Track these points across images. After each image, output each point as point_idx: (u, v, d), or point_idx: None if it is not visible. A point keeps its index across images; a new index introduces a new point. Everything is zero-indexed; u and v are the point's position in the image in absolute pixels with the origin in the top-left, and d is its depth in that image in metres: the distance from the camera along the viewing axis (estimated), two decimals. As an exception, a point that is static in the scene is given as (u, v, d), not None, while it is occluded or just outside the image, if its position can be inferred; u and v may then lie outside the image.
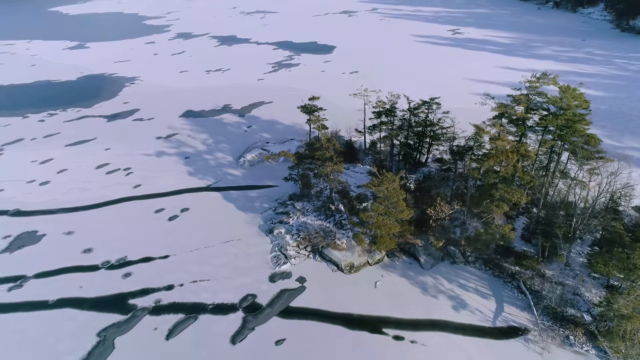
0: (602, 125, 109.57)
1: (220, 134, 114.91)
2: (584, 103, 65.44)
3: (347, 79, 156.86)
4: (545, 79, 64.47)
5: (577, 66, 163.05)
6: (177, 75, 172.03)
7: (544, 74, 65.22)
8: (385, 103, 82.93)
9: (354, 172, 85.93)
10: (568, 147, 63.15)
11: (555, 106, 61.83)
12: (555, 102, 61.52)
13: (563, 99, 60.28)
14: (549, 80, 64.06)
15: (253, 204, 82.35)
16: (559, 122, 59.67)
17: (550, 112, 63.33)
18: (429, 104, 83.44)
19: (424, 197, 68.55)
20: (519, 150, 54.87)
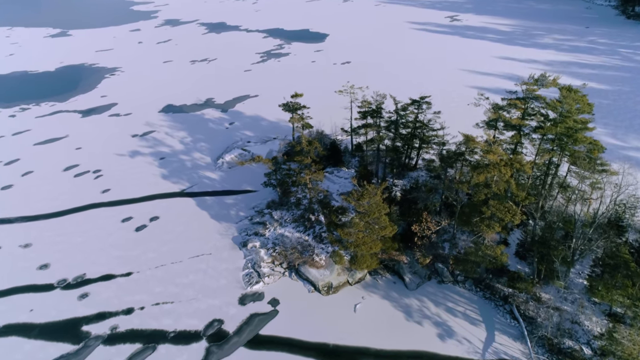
0: (605, 122, 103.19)
1: (200, 131, 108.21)
2: (586, 106, 59.05)
3: (338, 71, 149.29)
4: (544, 80, 57.85)
5: (579, 56, 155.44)
6: (160, 66, 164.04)
7: (543, 76, 58.64)
8: (370, 103, 76.26)
9: (338, 177, 79.77)
10: (568, 158, 56.89)
11: (555, 112, 55.34)
12: (554, 108, 55.05)
13: (563, 104, 53.75)
14: (548, 83, 57.42)
15: (228, 211, 76.37)
16: (558, 129, 53.29)
17: (549, 118, 56.81)
18: (418, 103, 76.73)
19: (410, 209, 62.59)
20: (513, 163, 48.71)
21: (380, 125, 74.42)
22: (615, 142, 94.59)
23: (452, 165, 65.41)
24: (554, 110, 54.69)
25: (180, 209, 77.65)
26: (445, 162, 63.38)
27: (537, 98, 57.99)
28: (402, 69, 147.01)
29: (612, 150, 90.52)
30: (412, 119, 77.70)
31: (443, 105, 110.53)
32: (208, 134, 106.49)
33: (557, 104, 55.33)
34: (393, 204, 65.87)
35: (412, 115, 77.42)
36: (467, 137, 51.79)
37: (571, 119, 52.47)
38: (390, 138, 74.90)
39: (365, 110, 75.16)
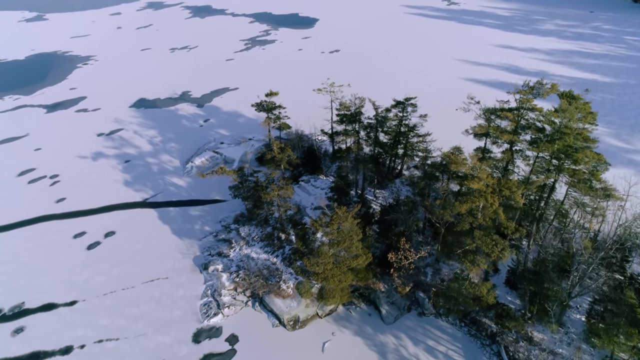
0: (609, 120, 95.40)
1: (172, 130, 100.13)
2: (589, 116, 51.45)
3: (326, 60, 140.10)
4: (540, 89, 49.95)
5: (582, 44, 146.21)
6: (137, 55, 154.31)
7: (539, 83, 50.69)
8: (349, 106, 68.28)
9: (314, 187, 72.38)
10: (567, 179, 49.33)
11: (552, 127, 47.57)
12: (551, 123, 47.27)
13: (562, 117, 45.97)
14: (545, 92, 49.56)
15: (193, 225, 69.26)
16: (556, 147, 45.67)
17: (545, 133, 48.94)
18: (402, 105, 68.79)
19: (389, 229, 55.50)
20: (502, 189, 41.39)
21: (358, 132, 66.62)
22: (619, 143, 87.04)
23: (437, 178, 58.02)
24: (551, 125, 46.93)
25: (139, 222, 70.44)
26: (428, 178, 55.95)
27: (532, 109, 50.10)
28: (393, 60, 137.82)
29: (615, 154, 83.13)
30: (396, 123, 69.95)
31: (433, 102, 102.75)
32: (180, 133, 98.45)
33: (555, 115, 47.56)
34: (370, 224, 58.81)
35: (396, 119, 69.61)
36: (448, 157, 44.14)
37: (571, 136, 44.78)
38: (370, 147, 67.18)
39: (343, 114, 67.22)
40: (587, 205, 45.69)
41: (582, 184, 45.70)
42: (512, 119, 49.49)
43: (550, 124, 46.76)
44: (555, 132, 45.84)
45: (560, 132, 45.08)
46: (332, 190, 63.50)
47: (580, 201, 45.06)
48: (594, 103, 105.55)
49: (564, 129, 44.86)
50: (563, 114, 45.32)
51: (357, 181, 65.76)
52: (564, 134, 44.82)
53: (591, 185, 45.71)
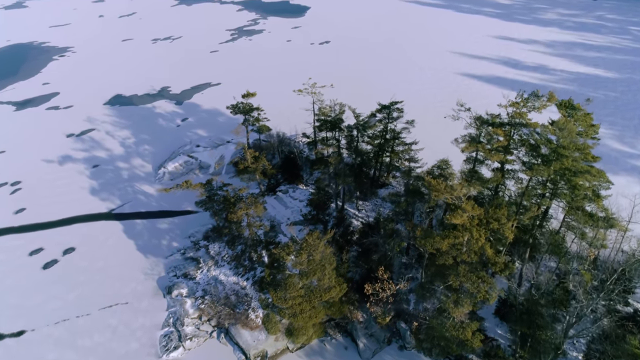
0: (611, 121, 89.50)
1: (147, 130, 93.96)
2: (590, 130, 45.81)
3: (315, 53, 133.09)
4: (536, 101, 44.06)
5: (585, 35, 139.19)
6: (117, 46, 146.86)
7: (534, 94, 44.81)
8: (330, 110, 62.31)
9: (293, 198, 66.80)
10: (563, 205, 43.68)
11: (548, 147, 41.69)
12: (547, 142, 41.42)
13: (560, 137, 40.15)
14: (541, 104, 43.67)
15: (160, 241, 63.90)
16: (552, 170, 39.97)
17: (541, 152, 42.99)
18: (388, 110, 62.87)
19: (369, 254, 50.20)
20: (490, 221, 35.92)
21: (339, 140, 60.74)
22: (623, 147, 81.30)
23: (422, 195, 52.46)
24: (547, 144, 41.06)
25: (103, 237, 65.00)
26: (411, 195, 50.37)
27: (526, 125, 44.07)
28: (385, 53, 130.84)
29: (618, 159, 77.55)
30: (380, 129, 64.13)
31: (426, 102, 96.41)
32: (155, 134, 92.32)
33: (552, 131, 41.73)
34: (349, 244, 53.49)
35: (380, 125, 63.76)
36: (429, 183, 38.29)
37: (569, 158, 39.00)
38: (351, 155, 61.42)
39: (323, 120, 61.27)
40: (587, 236, 40.27)
41: (581, 213, 40.13)
42: (503, 136, 43.61)
43: (546, 144, 40.95)
44: (552, 153, 40.10)
45: (557, 153, 39.34)
46: (309, 205, 57.92)
47: (579, 232, 39.65)
48: (596, 101, 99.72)
49: (562, 149, 39.12)
50: (561, 133, 39.51)
51: (337, 195, 60.20)
52: (561, 156, 39.09)
53: (591, 214, 40.14)
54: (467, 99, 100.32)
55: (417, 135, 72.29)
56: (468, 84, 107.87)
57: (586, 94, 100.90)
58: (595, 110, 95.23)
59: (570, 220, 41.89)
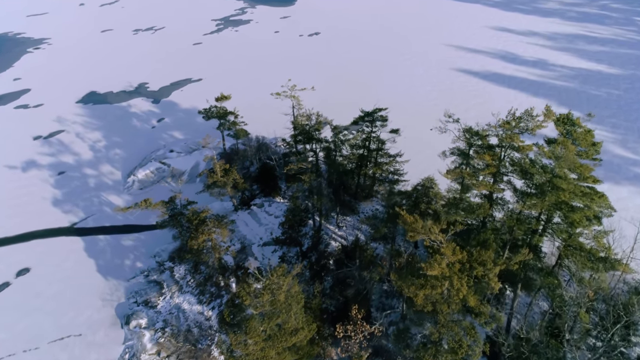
0: (614, 123, 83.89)
1: (120, 132, 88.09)
2: (591, 149, 40.49)
3: (304, 46, 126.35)
4: (529, 122, 38.49)
5: (588, 27, 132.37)
6: (96, 37, 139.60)
7: (528, 113, 39.13)
8: (307, 119, 56.64)
9: (268, 213, 61.52)
10: (559, 245, 38.29)
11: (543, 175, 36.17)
12: (541, 170, 35.87)
13: (557, 167, 34.61)
14: (535, 124, 38.12)
15: (123, 260, 58.88)
16: (546, 203, 34.60)
17: (534, 180, 37.45)
18: (371, 117, 57.24)
19: (344, 285, 45.24)
20: (474, 266, 30.79)
21: (316, 153, 55.18)
22: (626, 153, 75.85)
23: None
24: (541, 174, 35.49)
25: (62, 255, 59.91)
26: (392, 219, 45.12)
27: (518, 150, 38.37)
28: (376, 47, 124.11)
29: (621, 167, 72.22)
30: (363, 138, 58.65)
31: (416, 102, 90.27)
32: (128, 136, 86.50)
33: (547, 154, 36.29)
34: (324, 271, 48.52)
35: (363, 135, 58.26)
36: (404, 221, 32.78)
37: (566, 192, 33.58)
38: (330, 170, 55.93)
39: (299, 132, 55.65)
40: (585, 281, 35.19)
41: (579, 256, 34.87)
42: (491, 163, 38.06)
43: (540, 173, 35.38)
44: (547, 183, 34.69)
45: (553, 184, 33.95)
46: (281, 226, 52.72)
47: (577, 277, 34.51)
48: (598, 101, 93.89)
49: (558, 180, 33.70)
50: (557, 163, 34.05)
51: (314, 213, 54.94)
52: (557, 188, 33.70)
53: (591, 252, 34.92)
54: (462, 98, 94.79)
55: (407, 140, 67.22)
56: (463, 81, 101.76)
57: (588, 92, 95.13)
58: (597, 111, 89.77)
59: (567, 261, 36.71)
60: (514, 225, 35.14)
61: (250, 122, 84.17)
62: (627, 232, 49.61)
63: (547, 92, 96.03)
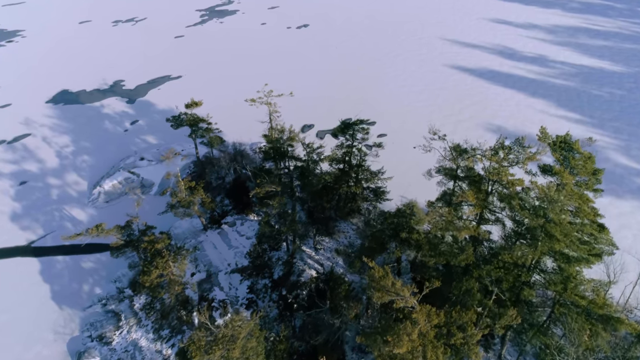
0: (616, 127, 78.52)
1: (89, 136, 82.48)
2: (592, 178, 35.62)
3: (291, 39, 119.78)
4: (520, 154, 33.21)
5: (590, 19, 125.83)
6: (73, 28, 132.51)
7: (519, 143, 33.81)
8: (281, 132, 51.22)
9: (240, 233, 56.46)
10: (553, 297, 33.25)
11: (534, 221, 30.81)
12: (532, 215, 30.48)
13: (550, 211, 29.31)
14: (527, 156, 32.84)
15: (81, 285, 54.07)
16: (539, 253, 29.55)
17: (524, 224, 32.16)
18: (352, 129, 51.85)
19: (316, 327, 40.53)
20: (452, 332, 25.97)
21: (289, 172, 49.91)
22: (628, 162, 70.70)
23: (383, 249, 42.42)
24: (532, 219, 30.17)
25: (14, 279, 55.05)
26: (369, 252, 40.17)
27: (506, 185, 32.97)
28: (366, 41, 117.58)
29: (623, 177, 67.11)
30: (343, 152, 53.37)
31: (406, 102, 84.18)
32: (98, 141, 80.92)
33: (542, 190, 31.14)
34: (295, 300, 43.82)
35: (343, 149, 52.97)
36: (371, 277, 27.55)
37: (561, 243, 28.47)
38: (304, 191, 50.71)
39: (269, 147, 50.26)
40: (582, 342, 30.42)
41: (574, 313, 30.00)
42: (476, 203, 32.85)
43: (531, 218, 30.08)
44: (539, 228, 29.61)
45: (546, 231, 28.88)
46: (248, 255, 47.75)
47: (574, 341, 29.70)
48: (600, 102, 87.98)
49: (552, 227, 28.62)
50: (551, 206, 28.91)
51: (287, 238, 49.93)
52: (551, 236, 28.63)
53: (589, 313, 30.02)
54: (455, 98, 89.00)
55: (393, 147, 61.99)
56: (457, 79, 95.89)
57: (589, 93, 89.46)
58: (598, 114, 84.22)
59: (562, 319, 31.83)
60: (502, 275, 30.22)
61: (231, 124, 79.20)
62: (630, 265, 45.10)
63: (545, 91, 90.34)
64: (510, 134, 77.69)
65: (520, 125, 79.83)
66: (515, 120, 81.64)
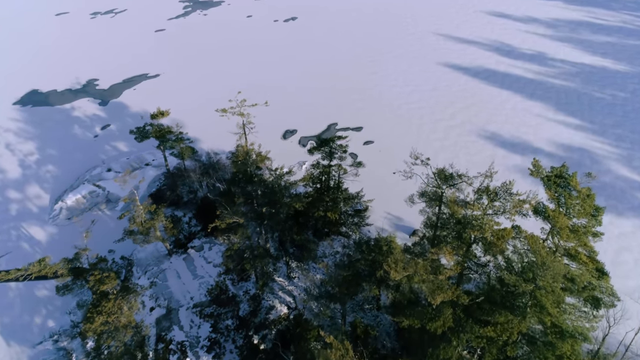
0: (618, 135, 73.59)
1: (56, 143, 77.16)
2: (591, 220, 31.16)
3: (278, 32, 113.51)
4: (508, 201, 28.42)
5: (593, 12, 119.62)
6: (48, 22, 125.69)
7: (506, 189, 29.04)
8: (249, 151, 46.23)
9: (207, 260, 51.76)
10: None
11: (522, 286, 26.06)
12: (520, 280, 25.68)
13: (540, 278, 24.57)
14: (515, 205, 28.10)
15: (32, 317, 49.63)
16: (527, 323, 25.00)
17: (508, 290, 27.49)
18: (328, 147, 46.90)
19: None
20: None
21: (256, 194, 45.01)
22: (630, 174, 65.93)
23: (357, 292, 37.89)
24: (519, 285, 25.41)
25: (-39, 310, 50.60)
26: (338, 301, 35.60)
27: (490, 246, 27.93)
28: (356, 37, 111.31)
29: (625, 192, 62.41)
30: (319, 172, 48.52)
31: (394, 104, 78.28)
32: (65, 148, 75.66)
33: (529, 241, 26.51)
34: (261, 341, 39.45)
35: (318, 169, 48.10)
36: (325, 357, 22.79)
37: (554, 316, 23.92)
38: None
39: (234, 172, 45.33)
40: None
41: None
42: (455, 262, 28.04)
43: (519, 284, 25.32)
44: (528, 295, 24.98)
45: (535, 300, 24.28)
46: (208, 294, 43.12)
47: None
48: (601, 105, 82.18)
49: (542, 295, 23.98)
50: (543, 273, 24.20)
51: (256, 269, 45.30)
52: (541, 307, 24.01)
53: None
54: (447, 101, 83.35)
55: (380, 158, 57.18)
56: (450, 78, 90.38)
57: (590, 95, 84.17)
58: (599, 119, 78.90)
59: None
60: (484, 346, 25.72)
61: (209, 126, 74.73)
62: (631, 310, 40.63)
63: (544, 93, 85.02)
64: (505, 141, 72.73)
65: (515, 132, 74.79)
66: (511, 125, 76.54)
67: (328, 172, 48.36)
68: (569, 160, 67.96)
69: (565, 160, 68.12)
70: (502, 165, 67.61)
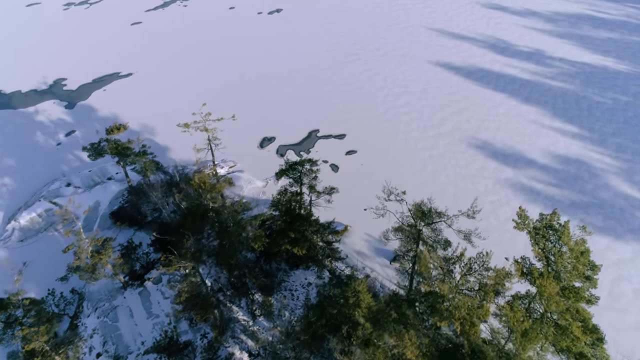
0: (619, 144, 68.76)
1: (16, 152, 71.67)
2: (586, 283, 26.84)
3: (262, 25, 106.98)
4: (484, 275, 23.83)
5: (594, 5, 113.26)
6: (17, 14, 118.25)
7: (482, 260, 24.65)
8: (210, 177, 41.16)
9: (164, 295, 46.98)
10: None
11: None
12: None
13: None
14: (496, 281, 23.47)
15: (-27, 358, 45.08)
16: None
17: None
18: (298, 171, 41.96)
19: None
20: None
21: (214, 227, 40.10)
22: (631, 190, 61.23)
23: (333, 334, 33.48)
24: None
25: None
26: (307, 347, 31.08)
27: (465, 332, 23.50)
28: (345, 32, 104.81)
29: (624, 211, 57.74)
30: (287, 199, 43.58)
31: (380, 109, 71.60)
32: (25, 158, 70.22)
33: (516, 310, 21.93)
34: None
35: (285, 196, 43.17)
36: None
37: None
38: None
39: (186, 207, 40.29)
40: None
41: None
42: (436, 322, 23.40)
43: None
44: None
45: None
46: (153, 350, 38.49)
47: None
48: (601, 110, 76.30)
49: None
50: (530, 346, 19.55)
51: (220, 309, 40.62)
52: None
53: None
54: (437, 104, 77.52)
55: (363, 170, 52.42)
56: (442, 79, 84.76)
57: (589, 99, 78.86)
58: (599, 127, 73.58)
59: None
60: None
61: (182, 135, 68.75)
62: None
63: (540, 97, 79.68)
64: (497, 151, 67.67)
65: (508, 140, 69.78)
66: (504, 133, 71.46)
67: (297, 201, 43.43)
68: (565, 175, 63.17)
69: (561, 174, 63.43)
70: (492, 178, 62.84)
